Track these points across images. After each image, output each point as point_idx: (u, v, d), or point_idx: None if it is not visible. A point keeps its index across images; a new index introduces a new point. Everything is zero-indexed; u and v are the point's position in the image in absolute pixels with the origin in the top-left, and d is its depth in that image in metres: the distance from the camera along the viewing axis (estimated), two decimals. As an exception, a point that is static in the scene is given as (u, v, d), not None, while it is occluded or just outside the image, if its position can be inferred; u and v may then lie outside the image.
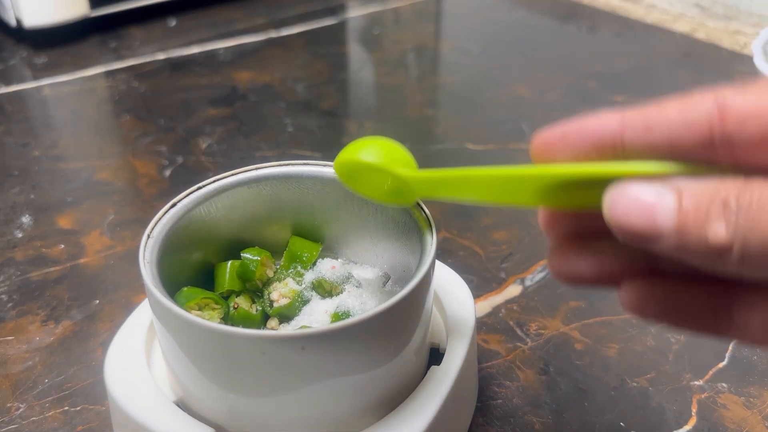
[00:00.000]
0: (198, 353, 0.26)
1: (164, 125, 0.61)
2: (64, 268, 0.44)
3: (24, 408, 0.34)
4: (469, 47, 0.78)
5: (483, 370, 0.37)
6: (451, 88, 0.69)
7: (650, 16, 0.86)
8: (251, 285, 0.32)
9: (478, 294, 0.42)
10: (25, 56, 0.74)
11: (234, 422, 0.27)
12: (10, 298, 0.41)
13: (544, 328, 0.39)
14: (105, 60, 0.73)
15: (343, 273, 0.32)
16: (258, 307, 0.31)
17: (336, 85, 0.69)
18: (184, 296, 0.30)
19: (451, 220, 0.49)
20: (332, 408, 0.26)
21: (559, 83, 0.69)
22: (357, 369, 0.26)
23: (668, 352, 0.38)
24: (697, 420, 0.34)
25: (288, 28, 0.82)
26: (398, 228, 0.31)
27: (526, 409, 0.34)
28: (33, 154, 0.56)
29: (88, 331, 0.39)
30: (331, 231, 0.34)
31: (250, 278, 0.31)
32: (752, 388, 0.36)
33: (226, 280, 0.32)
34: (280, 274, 0.32)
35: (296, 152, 0.57)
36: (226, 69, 0.72)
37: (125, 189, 0.52)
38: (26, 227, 0.48)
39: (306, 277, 0.32)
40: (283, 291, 0.31)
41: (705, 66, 0.73)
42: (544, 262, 0.45)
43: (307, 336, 0.24)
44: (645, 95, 0.69)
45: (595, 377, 0.36)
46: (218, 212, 0.32)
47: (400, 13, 0.89)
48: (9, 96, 0.66)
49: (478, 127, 0.61)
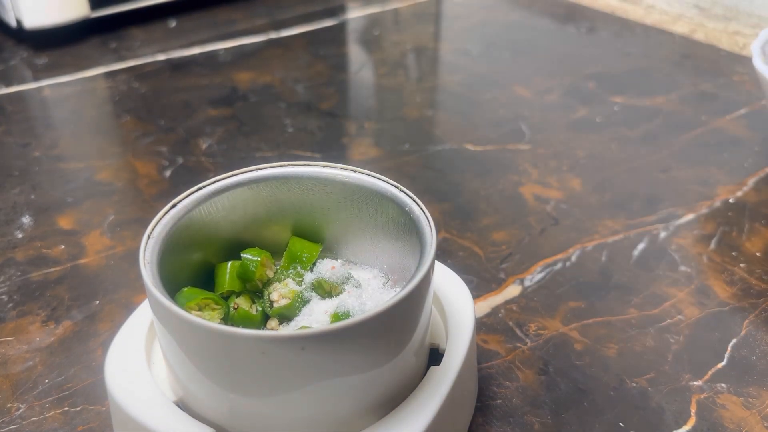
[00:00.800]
0: (198, 353, 0.26)
1: (164, 126, 0.61)
2: (65, 269, 0.44)
3: (24, 408, 0.34)
4: (468, 48, 0.78)
5: (482, 370, 0.37)
6: (450, 88, 0.69)
7: (649, 17, 0.86)
8: (251, 285, 0.32)
9: (478, 294, 0.42)
10: (26, 57, 0.74)
11: (234, 422, 0.27)
12: (11, 299, 0.41)
13: (543, 329, 0.39)
14: (105, 61, 0.73)
15: (343, 273, 0.32)
16: (258, 307, 0.31)
17: (336, 86, 0.69)
18: (184, 296, 0.30)
19: (451, 221, 0.49)
20: (332, 408, 0.26)
21: (558, 84, 0.69)
22: (357, 369, 0.26)
23: (667, 353, 0.38)
24: (696, 420, 0.34)
25: (288, 29, 0.82)
26: (398, 228, 0.31)
27: (525, 410, 0.34)
28: (33, 155, 0.57)
29: (89, 331, 0.39)
30: (331, 232, 0.34)
31: (250, 279, 0.32)
32: (751, 388, 0.36)
33: (226, 280, 0.32)
34: (280, 275, 0.32)
35: (296, 153, 0.57)
36: (226, 70, 0.72)
37: (125, 189, 0.52)
38: (26, 227, 0.48)
39: (306, 277, 0.32)
40: (283, 291, 0.31)
41: (704, 67, 0.73)
42: (544, 263, 0.45)
43: (307, 336, 0.24)
44: (644, 96, 0.70)
45: (594, 377, 0.36)
46: (218, 213, 0.32)
47: (400, 14, 0.89)
48: (9, 96, 0.66)
49: (478, 127, 0.61)
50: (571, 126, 0.62)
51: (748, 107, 0.64)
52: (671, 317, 0.40)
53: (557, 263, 0.45)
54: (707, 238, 0.47)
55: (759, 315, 0.40)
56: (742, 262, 0.45)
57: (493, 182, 0.53)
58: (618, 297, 0.42)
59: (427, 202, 0.51)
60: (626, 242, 0.47)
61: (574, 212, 0.50)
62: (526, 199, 0.51)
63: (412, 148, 0.58)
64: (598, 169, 0.55)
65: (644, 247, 0.46)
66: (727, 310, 0.41)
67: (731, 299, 0.42)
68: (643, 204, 0.51)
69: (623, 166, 0.55)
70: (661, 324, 0.40)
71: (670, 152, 0.57)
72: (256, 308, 0.31)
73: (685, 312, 0.41)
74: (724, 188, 0.53)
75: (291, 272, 0.33)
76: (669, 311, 0.41)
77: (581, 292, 0.42)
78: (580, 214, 0.49)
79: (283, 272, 0.33)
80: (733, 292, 0.42)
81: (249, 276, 0.31)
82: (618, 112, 0.64)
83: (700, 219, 0.49)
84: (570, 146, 0.58)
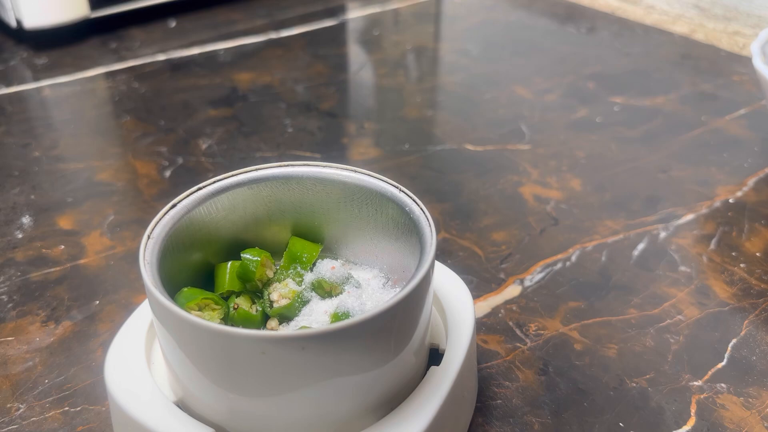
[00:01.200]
0: (198, 354, 0.26)
1: (164, 126, 0.61)
2: (65, 269, 0.44)
3: (24, 408, 0.34)
4: (468, 48, 0.78)
5: (482, 370, 0.37)
6: (450, 89, 0.69)
7: (649, 18, 0.86)
8: (251, 285, 0.32)
9: (478, 294, 0.42)
10: (26, 57, 0.74)
11: (234, 422, 0.27)
12: (11, 299, 0.41)
13: (543, 329, 0.39)
14: (105, 61, 0.73)
15: (343, 273, 0.32)
16: (258, 307, 0.31)
17: (336, 86, 0.69)
18: (184, 297, 0.30)
19: (450, 221, 0.49)
20: (332, 408, 0.26)
21: (558, 84, 0.69)
22: (357, 369, 0.26)
23: (667, 353, 0.38)
24: (696, 420, 0.34)
25: (288, 29, 0.82)
26: (398, 228, 0.31)
27: (525, 410, 0.34)
28: (33, 155, 0.57)
29: (88, 331, 0.39)
30: (331, 232, 0.34)
31: (250, 279, 0.32)
32: (751, 388, 0.36)
33: (226, 280, 0.32)
34: (280, 275, 0.32)
35: (296, 153, 0.57)
36: (226, 70, 0.72)
37: (125, 189, 0.52)
38: (26, 228, 0.48)
39: (306, 277, 0.32)
40: (283, 291, 0.31)
41: (704, 67, 0.73)
42: (544, 263, 0.45)
43: (307, 336, 0.24)
44: (644, 96, 0.70)
45: (594, 377, 0.36)
46: (218, 213, 0.32)
47: (400, 14, 0.89)
48: (9, 97, 0.66)
49: (478, 128, 0.61)
50: (570, 126, 0.62)
51: (747, 107, 0.64)
52: (671, 317, 0.40)
53: (557, 263, 0.45)
54: (707, 238, 0.47)
55: (759, 315, 0.40)
56: (742, 262, 0.45)
57: (493, 182, 0.53)
58: (618, 297, 0.42)
59: (427, 202, 0.51)
60: (626, 242, 0.47)
61: (573, 212, 0.50)
62: (525, 199, 0.51)
63: (412, 148, 0.58)
64: (598, 169, 0.55)
65: (644, 247, 0.46)
66: (727, 310, 0.41)
67: (731, 299, 0.42)
68: (642, 204, 0.51)
69: (623, 167, 0.55)
70: (661, 324, 0.40)
71: (669, 152, 0.57)
72: (256, 308, 0.31)
73: (685, 312, 0.41)
74: (724, 188, 0.53)
75: (291, 272, 0.33)
76: (669, 311, 0.41)
77: (581, 292, 0.42)
78: (580, 214, 0.50)
79: (283, 272, 0.33)
80: (733, 292, 0.42)
81: (249, 276, 0.31)
82: (618, 112, 0.64)
83: (700, 219, 0.49)
84: (570, 146, 0.58)
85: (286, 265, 0.33)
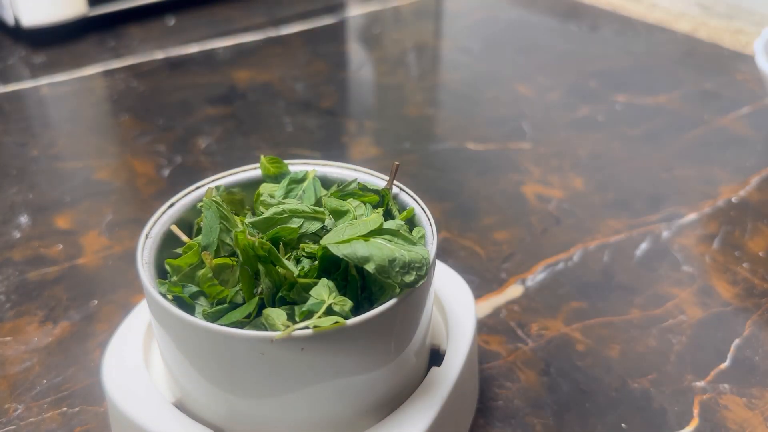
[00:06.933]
0: (196, 354, 0.25)
1: (163, 124, 0.61)
2: (62, 269, 0.44)
3: (22, 409, 0.34)
4: (469, 46, 0.78)
5: (484, 371, 0.36)
6: (451, 87, 0.69)
7: (652, 15, 0.86)
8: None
9: (479, 294, 0.42)
10: (24, 55, 0.73)
11: (233, 423, 0.27)
12: (8, 299, 0.41)
13: (545, 329, 0.39)
14: (103, 59, 0.73)
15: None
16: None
17: (336, 85, 0.69)
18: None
19: (451, 220, 0.48)
20: (332, 409, 0.26)
21: (560, 82, 0.69)
22: (357, 370, 0.25)
23: (670, 353, 0.37)
24: (699, 421, 0.34)
25: (287, 27, 0.81)
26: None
27: (527, 411, 0.34)
28: (31, 154, 0.56)
29: (86, 331, 0.39)
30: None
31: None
32: (754, 389, 0.35)
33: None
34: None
35: (295, 151, 0.57)
36: (225, 68, 0.71)
37: (123, 189, 0.52)
38: (24, 227, 0.47)
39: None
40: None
41: (706, 65, 0.73)
42: (546, 262, 0.44)
43: (307, 337, 0.23)
44: (646, 95, 0.70)
45: (596, 378, 0.36)
46: (217, 212, 0.31)
47: (400, 11, 0.88)
48: (7, 95, 0.66)
49: (479, 126, 0.61)
50: (572, 125, 0.61)
51: (750, 106, 0.64)
52: (674, 317, 0.40)
53: (559, 263, 0.44)
54: (710, 238, 0.47)
55: (762, 315, 0.40)
56: (745, 262, 0.44)
57: (494, 181, 0.53)
58: (620, 297, 0.42)
59: (428, 201, 0.50)
60: (628, 242, 0.46)
61: (575, 212, 0.49)
62: (527, 198, 0.51)
63: (413, 146, 0.58)
64: (600, 168, 0.55)
65: (647, 246, 0.46)
66: (730, 310, 0.41)
67: (734, 299, 0.41)
68: (645, 203, 0.50)
69: (625, 165, 0.55)
70: (664, 324, 0.39)
71: (672, 151, 0.57)
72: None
73: (688, 312, 0.40)
74: (727, 187, 0.52)
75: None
76: (671, 311, 0.40)
77: (583, 292, 0.42)
78: (582, 213, 0.49)
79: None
80: (736, 292, 0.42)
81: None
82: (620, 110, 0.64)
83: (703, 218, 0.49)
84: (572, 145, 0.58)
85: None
